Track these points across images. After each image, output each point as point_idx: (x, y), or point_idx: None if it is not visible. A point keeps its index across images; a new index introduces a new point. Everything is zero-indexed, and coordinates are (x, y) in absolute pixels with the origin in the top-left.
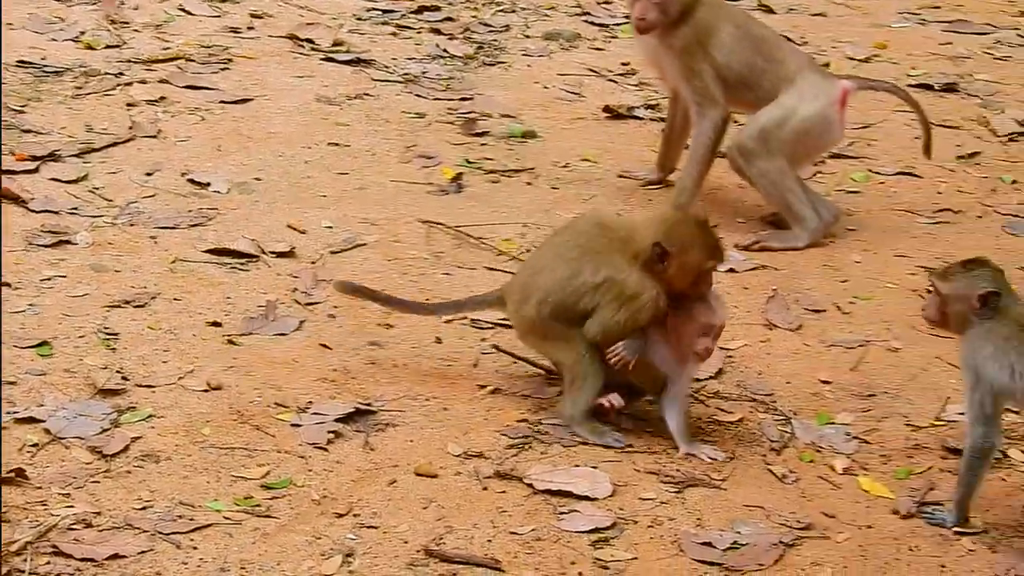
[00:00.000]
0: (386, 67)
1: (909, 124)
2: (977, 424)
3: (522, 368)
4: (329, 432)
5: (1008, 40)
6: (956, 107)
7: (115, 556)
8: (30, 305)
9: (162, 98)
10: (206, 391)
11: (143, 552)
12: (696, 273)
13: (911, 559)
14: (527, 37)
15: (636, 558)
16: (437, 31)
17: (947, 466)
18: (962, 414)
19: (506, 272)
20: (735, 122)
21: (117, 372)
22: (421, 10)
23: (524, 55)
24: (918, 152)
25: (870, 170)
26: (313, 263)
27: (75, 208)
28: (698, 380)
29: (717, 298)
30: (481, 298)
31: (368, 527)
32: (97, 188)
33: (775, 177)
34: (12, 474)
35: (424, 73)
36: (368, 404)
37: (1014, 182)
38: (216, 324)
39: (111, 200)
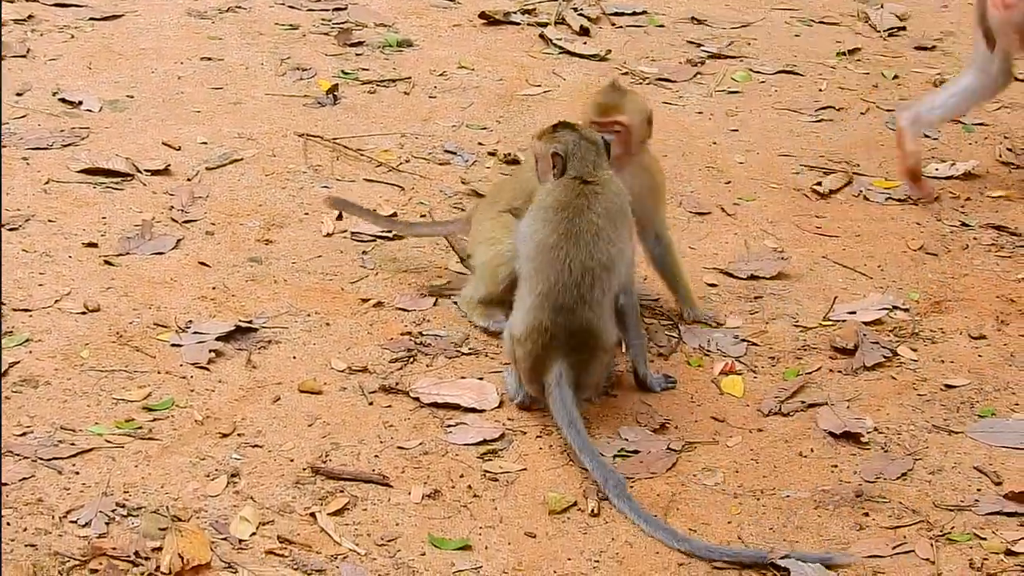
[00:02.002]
0: None
1: (789, 22)
2: None
3: (405, 280)
4: (210, 351)
5: None
6: (835, 3)
7: None
8: None
9: (30, 16)
10: (84, 313)
11: (24, 479)
12: None
13: (802, 461)
14: None
15: (525, 469)
16: None
17: (835, 366)
18: (852, 313)
19: (386, 183)
20: None
21: None
22: None
23: None
24: (798, 50)
25: (750, 69)
26: (189, 180)
27: None
28: None
29: None
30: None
31: (253, 446)
32: None
33: None
34: None
35: None
36: (249, 322)
37: (895, 77)
38: (92, 245)
39: None
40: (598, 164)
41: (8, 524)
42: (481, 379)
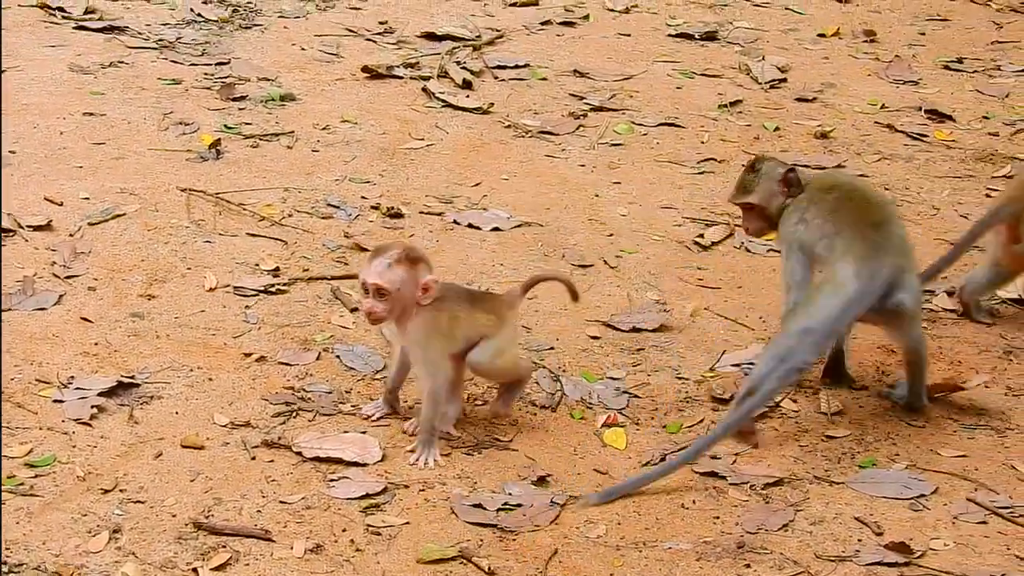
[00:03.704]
0: (140, 34)
1: (671, 75)
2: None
3: (287, 335)
4: (92, 407)
5: None
6: (717, 55)
7: None
8: None
9: None
10: None
11: None
12: None
13: (685, 514)
14: None
15: (408, 522)
16: None
17: (716, 417)
18: (735, 365)
19: (268, 238)
20: None
21: None
22: None
23: (280, 17)
24: (680, 102)
25: (632, 122)
26: (71, 235)
27: None
28: None
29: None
30: None
31: (135, 502)
32: None
33: None
34: None
35: (179, 39)
36: (131, 377)
37: (776, 129)
38: None
39: None
40: None
41: None
42: (364, 433)
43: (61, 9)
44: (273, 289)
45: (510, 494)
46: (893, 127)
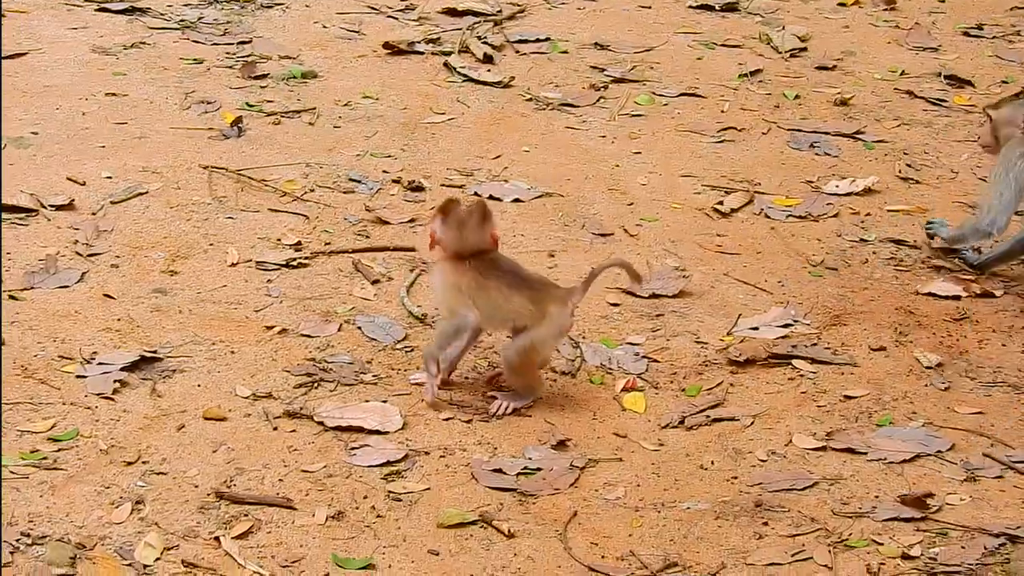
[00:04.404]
0: (162, 14)
1: (691, 46)
2: None
3: (308, 307)
4: (115, 381)
5: None
6: (737, 26)
7: None
8: None
9: None
10: None
11: None
12: None
13: (704, 474)
14: None
15: (429, 488)
16: None
17: (735, 380)
18: (754, 328)
19: (290, 213)
20: None
21: None
22: None
23: None
24: (700, 73)
25: (653, 92)
26: (94, 214)
27: None
28: None
29: None
30: None
31: (157, 473)
32: None
33: None
34: None
35: (201, 19)
36: (154, 352)
37: (796, 97)
38: None
39: None
40: None
41: None
42: (385, 402)
43: None
44: (295, 263)
45: (530, 459)
46: (913, 93)
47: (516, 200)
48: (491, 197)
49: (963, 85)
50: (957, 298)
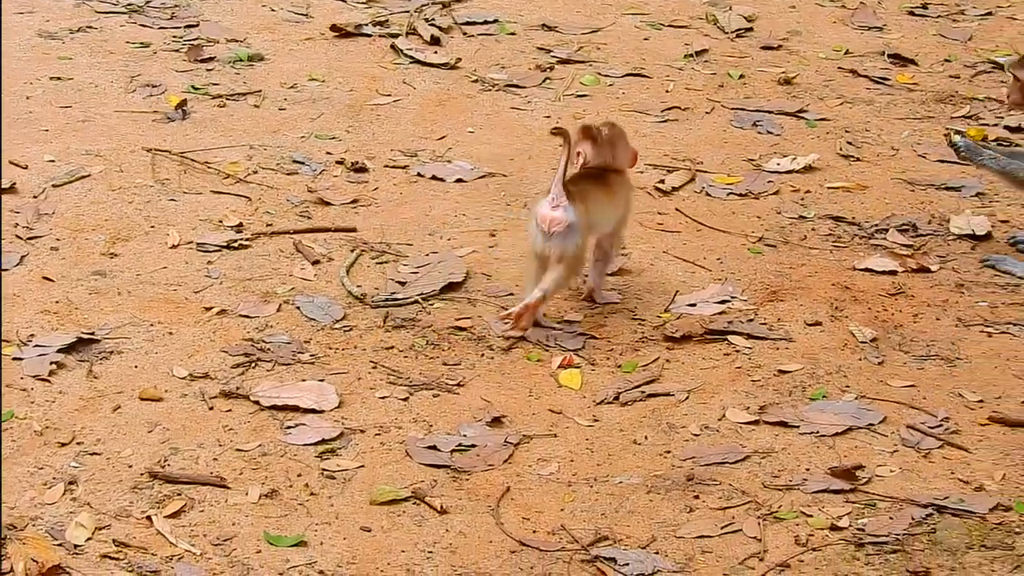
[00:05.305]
0: None
1: (638, 26)
2: None
3: (248, 288)
4: (51, 363)
5: None
6: (684, 7)
7: None
8: None
9: None
10: None
11: None
12: None
13: (637, 449)
14: None
15: (363, 466)
16: None
17: (671, 356)
18: (691, 305)
19: (232, 194)
20: None
21: None
22: None
23: None
24: (647, 53)
25: (599, 73)
26: (35, 197)
27: None
28: (430, 290)
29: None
30: None
31: (92, 454)
32: None
33: None
34: None
35: (148, 3)
36: (91, 333)
37: (741, 77)
38: None
39: None
40: None
41: None
42: (322, 381)
43: None
44: (236, 244)
45: (464, 435)
46: (856, 72)
47: (459, 180)
48: (434, 177)
49: (906, 64)
50: (893, 273)
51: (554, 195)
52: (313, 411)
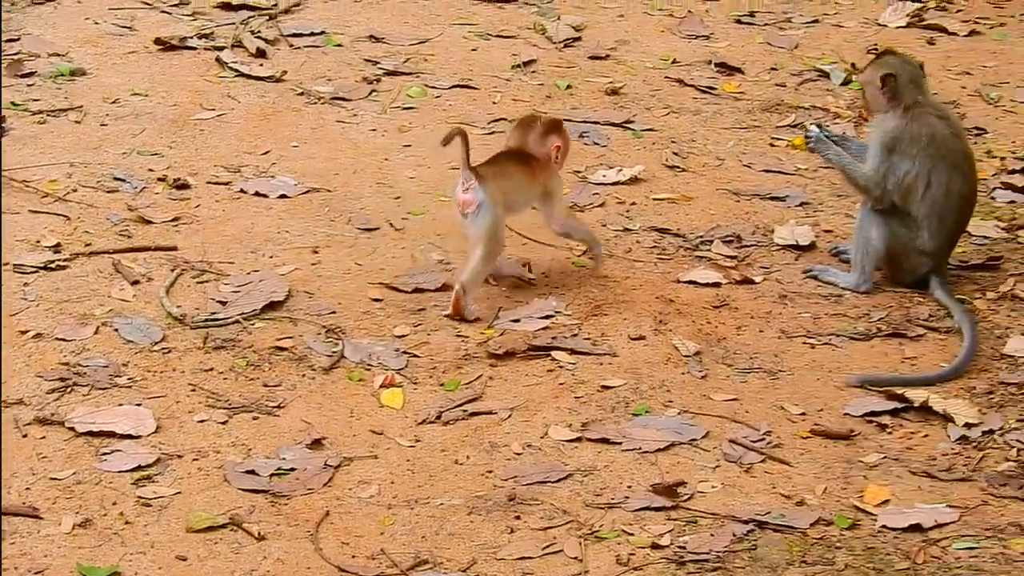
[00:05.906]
0: None
1: (467, 37)
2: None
3: (65, 310)
4: None
5: None
6: (513, 17)
7: None
8: None
9: None
10: None
11: None
12: None
13: (458, 469)
14: None
15: (179, 492)
16: None
17: (495, 373)
18: (515, 320)
19: (51, 214)
20: None
21: None
22: None
23: None
24: (474, 64)
25: (426, 84)
26: None
27: None
28: (251, 310)
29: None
30: None
31: None
32: None
33: None
34: None
35: None
36: None
37: (568, 87)
38: None
39: None
40: None
41: None
42: (139, 405)
43: None
44: (53, 265)
45: (284, 459)
46: (683, 81)
47: (282, 196)
48: (257, 193)
49: (733, 72)
50: (717, 285)
51: (463, 178)
52: (129, 436)
